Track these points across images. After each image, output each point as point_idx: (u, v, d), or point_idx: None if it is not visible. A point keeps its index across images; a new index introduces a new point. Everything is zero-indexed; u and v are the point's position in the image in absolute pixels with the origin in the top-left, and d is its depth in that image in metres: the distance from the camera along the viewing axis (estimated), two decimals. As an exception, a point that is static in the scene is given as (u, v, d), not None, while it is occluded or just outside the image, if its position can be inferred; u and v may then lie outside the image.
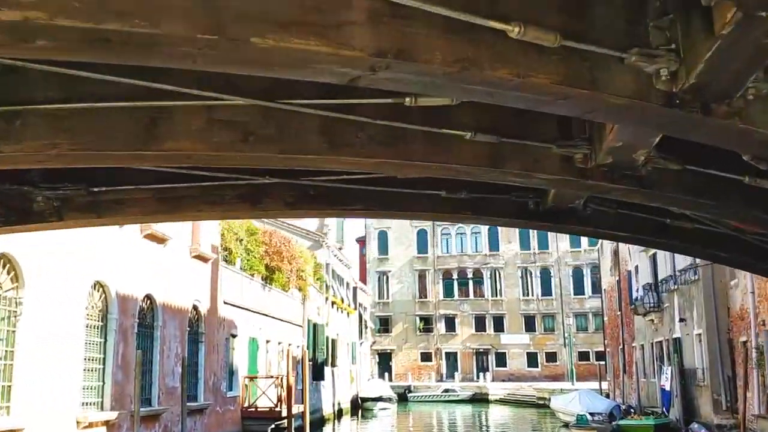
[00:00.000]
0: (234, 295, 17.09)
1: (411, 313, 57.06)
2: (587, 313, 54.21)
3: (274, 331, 21.00)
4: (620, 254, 30.35)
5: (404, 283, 57.94)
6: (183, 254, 13.54)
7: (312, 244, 32.29)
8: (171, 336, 12.98)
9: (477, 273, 56.84)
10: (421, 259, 57.88)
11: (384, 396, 41.14)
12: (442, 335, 56.24)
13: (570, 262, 55.52)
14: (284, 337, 22.35)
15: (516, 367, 54.62)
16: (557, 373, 53.93)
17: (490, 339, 55.32)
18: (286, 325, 22.73)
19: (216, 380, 15.46)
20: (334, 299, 34.32)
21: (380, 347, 57.31)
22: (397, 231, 58.83)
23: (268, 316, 20.19)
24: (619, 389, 31.34)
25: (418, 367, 56.08)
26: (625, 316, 29.51)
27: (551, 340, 54.81)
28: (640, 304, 24.32)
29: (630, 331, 28.71)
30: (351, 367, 40.70)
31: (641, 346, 26.69)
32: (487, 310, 55.83)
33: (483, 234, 57.36)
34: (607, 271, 34.31)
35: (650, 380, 25.23)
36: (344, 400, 37.15)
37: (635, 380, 27.54)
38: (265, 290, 19.98)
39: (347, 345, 39.99)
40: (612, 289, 32.75)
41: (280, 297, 21.97)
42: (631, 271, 28.08)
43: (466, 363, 55.23)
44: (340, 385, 35.99)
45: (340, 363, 36.35)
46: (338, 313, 36.68)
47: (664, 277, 22.60)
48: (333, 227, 35.18)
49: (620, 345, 30.97)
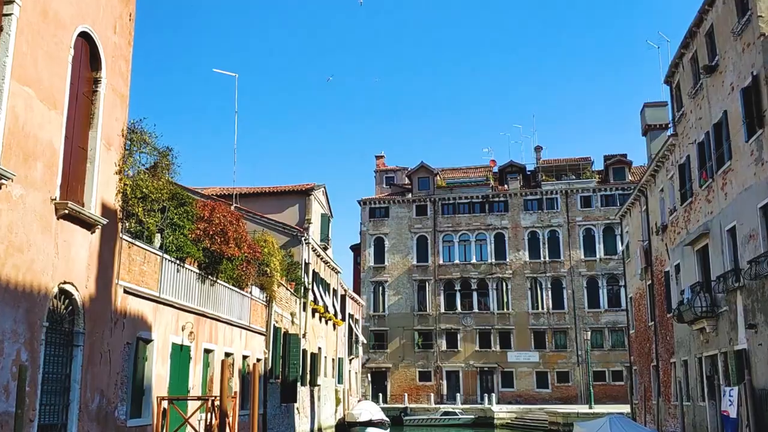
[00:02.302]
0: (147, 284, 12.32)
1: (409, 328, 52.19)
2: (603, 329, 49.19)
3: (219, 338, 16.18)
4: (654, 253, 25.49)
5: (402, 294, 53.13)
6: (40, 209, 8.83)
7: (289, 239, 27.57)
8: (5, 332, 8.24)
9: (482, 284, 51.97)
10: (421, 268, 53.12)
11: (375, 419, 36.03)
12: (442, 352, 51.27)
13: (584, 272, 50.61)
14: (236, 347, 17.51)
15: (524, 387, 49.60)
16: (570, 394, 48.89)
17: (495, 356, 50.34)
18: (240, 331, 17.90)
19: (104, 403, 10.63)
20: (315, 306, 29.49)
21: (374, 365, 52.32)
22: (395, 237, 54.18)
23: (209, 317, 15.39)
24: (650, 414, 26.29)
25: (415, 387, 51.04)
26: (661, 326, 24.57)
27: (563, 358, 49.75)
28: (686, 309, 19.43)
29: (667, 344, 23.76)
30: (337, 386, 35.71)
31: (684, 362, 21.74)
32: (492, 325, 50.91)
33: (488, 241, 52.61)
34: (633, 277, 29.40)
35: (697, 404, 20.25)
36: (327, 426, 32.12)
37: (676, 404, 22.54)
38: (205, 283, 15.21)
39: (333, 361, 35.03)
40: (641, 296, 27.84)
41: (232, 295, 17.19)
42: (670, 271, 23.22)
43: (469, 383, 50.24)
44: (322, 407, 31.00)
45: (322, 382, 31.40)
46: (321, 323, 31.81)
47: (721, 274, 17.75)
48: (316, 223, 30.48)
49: (652, 362, 25.98)
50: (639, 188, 27.00)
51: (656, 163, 24.18)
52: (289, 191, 29.99)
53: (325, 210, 32.73)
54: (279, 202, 29.82)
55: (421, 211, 54.33)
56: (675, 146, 22.23)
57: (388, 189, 56.89)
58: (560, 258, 51.15)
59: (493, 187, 54.19)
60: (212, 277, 15.49)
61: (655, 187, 25.12)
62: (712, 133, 18.56)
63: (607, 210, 51.01)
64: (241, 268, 17.46)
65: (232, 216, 15.19)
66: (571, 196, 51.92)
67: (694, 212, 20.43)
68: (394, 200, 54.98)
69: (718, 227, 18.24)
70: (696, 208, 20.22)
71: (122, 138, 11.36)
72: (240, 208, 26.44)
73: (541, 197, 52.55)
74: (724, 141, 17.69)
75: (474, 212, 53.59)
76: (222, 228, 14.77)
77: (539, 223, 52.12)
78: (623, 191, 50.77)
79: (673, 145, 22.32)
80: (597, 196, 51.52)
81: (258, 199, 29.74)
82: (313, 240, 28.82)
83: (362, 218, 55.40)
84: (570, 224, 51.50)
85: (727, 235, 17.62)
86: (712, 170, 18.63)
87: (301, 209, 29.74)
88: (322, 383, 31.41)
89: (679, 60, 21.20)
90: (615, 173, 52.11)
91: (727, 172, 17.53)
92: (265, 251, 19.52)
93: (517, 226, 52.43)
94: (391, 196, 55.55)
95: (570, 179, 52.59)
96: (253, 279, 18.93)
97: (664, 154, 23.22)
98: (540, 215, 52.23)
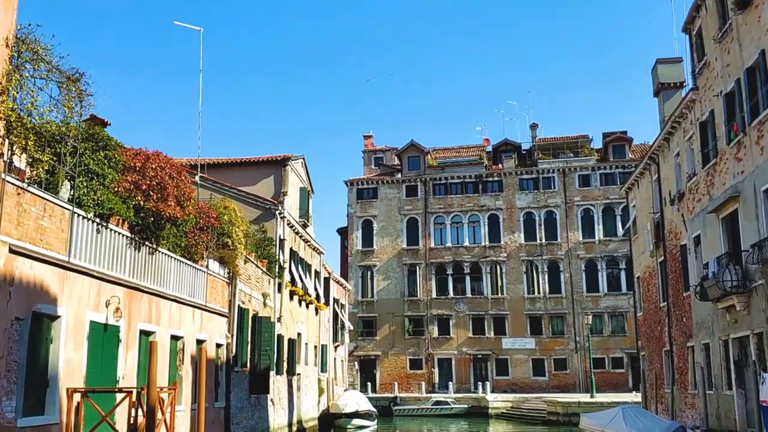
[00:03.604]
0: (50, 245, 9.60)
1: (398, 314, 49.69)
2: (602, 314, 46.81)
3: (162, 318, 13.49)
4: (667, 226, 22.93)
5: (391, 279, 50.57)
6: None
7: (261, 213, 24.85)
8: None
9: (475, 267, 49.45)
10: (411, 251, 50.54)
11: (361, 410, 33.51)
12: (434, 339, 48.81)
13: (582, 254, 48.15)
14: (187, 329, 14.83)
15: (519, 375, 47.25)
16: (567, 382, 46.58)
17: (489, 343, 47.93)
18: (192, 311, 15.22)
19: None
20: (293, 288, 26.82)
21: (363, 353, 49.82)
22: (384, 219, 51.55)
23: (147, 292, 12.69)
24: (662, 404, 23.84)
25: (406, 375, 48.58)
26: (675, 307, 22.06)
27: (560, 345, 47.39)
28: (711, 284, 16.88)
29: (683, 326, 21.26)
30: (321, 375, 33.12)
31: (704, 345, 19.23)
32: (486, 310, 48.44)
33: (482, 223, 50.05)
34: (641, 254, 26.89)
35: (722, 393, 17.76)
36: (309, 418, 29.54)
37: (696, 392, 20.07)
38: (141, 251, 12.49)
39: (315, 348, 32.42)
40: (651, 275, 25.32)
41: (181, 268, 14.49)
42: (687, 245, 20.67)
43: (462, 371, 47.84)
44: (302, 398, 28.42)
45: (303, 370, 28.80)
46: (302, 307, 29.17)
47: (755, 242, 15.18)
48: (294, 197, 27.75)
49: (664, 347, 23.50)
50: (650, 155, 24.41)
51: (671, 124, 21.57)
52: (263, 161, 27.21)
53: (304, 184, 29.99)
54: (252, 173, 27.06)
55: (412, 191, 51.70)
56: (695, 102, 19.62)
57: (377, 170, 54.19)
58: (557, 240, 48.67)
59: (487, 167, 51.57)
60: (151, 244, 12.77)
61: (669, 152, 22.52)
62: (744, 79, 15.94)
63: (607, 189, 48.51)
64: (193, 237, 14.75)
65: (172, 168, 12.43)
66: (569, 174, 49.36)
67: (719, 174, 17.85)
68: (383, 181, 52.31)
69: (751, 188, 15.67)
70: (722, 170, 17.64)
71: (6, 49, 8.61)
72: (205, 178, 23.71)
73: (537, 176, 49.97)
74: (761, 86, 15.09)
75: (467, 192, 50.99)
76: (159, 182, 12.02)
77: (535, 203, 49.57)
78: (623, 169, 48.28)
79: (693, 101, 19.70)
80: (596, 174, 48.97)
81: (228, 171, 26.96)
82: (289, 214, 26.09)
83: (349, 200, 52.73)
84: (568, 204, 48.98)
85: (763, 196, 15.05)
86: (743, 123, 16.03)
87: (276, 181, 26.99)
88: (303, 372, 28.82)
89: (702, 1, 18.54)
90: (615, 151, 49.56)
91: (765, 122, 14.94)
92: (224, 219, 16.79)
93: (512, 206, 49.88)
94: (379, 177, 52.87)
95: (568, 157, 50.01)
96: (210, 251, 16.22)
97: (682, 112, 20.60)
98: (536, 195, 49.67)
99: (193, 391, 14.93)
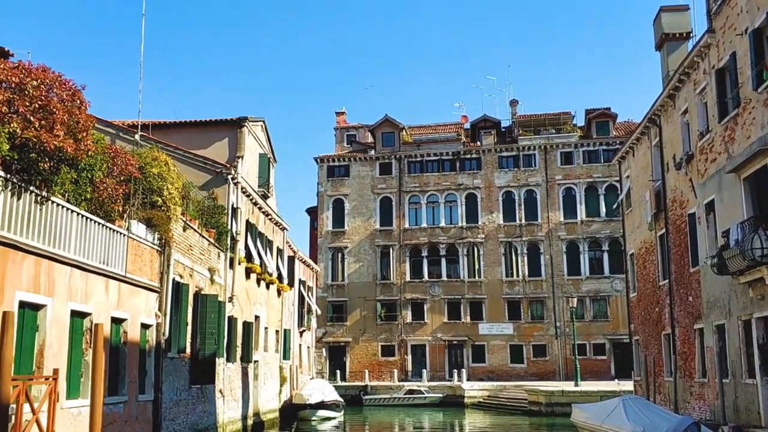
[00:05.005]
0: None
1: (370, 298, 46.96)
2: (584, 298, 44.57)
3: (58, 289, 10.44)
4: (670, 195, 20.40)
5: (363, 261, 47.77)
6: None
7: (211, 177, 21.76)
8: None
9: (451, 249, 46.86)
10: (384, 232, 47.76)
11: (327, 401, 30.76)
12: (407, 324, 46.21)
13: (564, 235, 45.81)
14: (98, 304, 11.79)
15: (497, 362, 44.94)
16: (547, 370, 44.37)
17: (465, 329, 45.48)
18: (106, 282, 12.18)
19: None
20: (250, 265, 23.81)
21: (332, 339, 47.04)
22: (356, 199, 48.64)
23: (32, 252, 9.64)
24: (661, 393, 21.45)
25: (377, 363, 45.93)
26: (679, 285, 19.57)
27: (539, 330, 45.12)
28: (734, 254, 14.33)
29: (688, 306, 18.79)
30: (283, 363, 30.20)
31: (717, 327, 16.76)
32: (462, 294, 45.95)
33: (459, 202, 47.42)
34: (636, 229, 24.42)
35: (742, 382, 15.29)
36: (268, 410, 26.65)
37: (702, 381, 17.63)
38: (22, 198, 9.44)
39: (277, 333, 29.49)
40: (648, 251, 22.85)
41: (89, 226, 11.42)
42: (696, 213, 18.15)
43: (437, 358, 45.37)
44: (260, 388, 25.51)
45: (261, 357, 25.88)
46: (261, 288, 26.18)
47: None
48: (252, 163, 24.67)
49: (664, 329, 21.07)
50: (649, 117, 21.84)
51: (679, 76, 18.97)
52: (217, 122, 24.07)
53: (265, 150, 26.91)
54: (204, 135, 23.90)
55: (386, 169, 48.82)
56: (710, 48, 17.01)
57: (349, 148, 51.16)
58: (538, 220, 46.26)
59: (465, 143, 48.89)
60: (38, 190, 9.70)
61: (675, 110, 19.95)
62: (779, 8, 13.33)
63: (590, 167, 46.18)
64: (105, 189, 11.68)
65: (61, 88, 9.35)
66: (551, 152, 46.91)
67: (741, 127, 15.28)
68: (356, 158, 49.33)
69: (786, 138, 13.10)
70: (745, 121, 15.07)
71: None
72: (146, 137, 20.55)
73: (517, 153, 47.43)
74: (802, 14, 12.47)
75: (443, 171, 48.27)
76: (44, 104, 8.95)
77: (515, 182, 47.06)
78: (607, 146, 46.03)
79: (707, 46, 17.09)
80: (579, 152, 46.58)
81: (176, 132, 23.77)
82: (245, 180, 23.01)
83: (319, 178, 49.68)
84: (549, 183, 46.55)
85: (803, 146, 12.50)
86: (778, 60, 13.44)
87: (231, 144, 23.87)
88: (261, 359, 25.90)
89: (723, -76, 15.89)
90: (598, 127, 47.17)
91: (808, 56, 12.35)
92: (150, 171, 13.70)
93: (490, 185, 47.30)
94: (352, 154, 49.88)
95: (549, 134, 47.52)
96: (134, 210, 13.15)
97: (693, 61, 18.00)
98: (516, 173, 47.15)
99: (105, 382, 11.94)
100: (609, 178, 45.37)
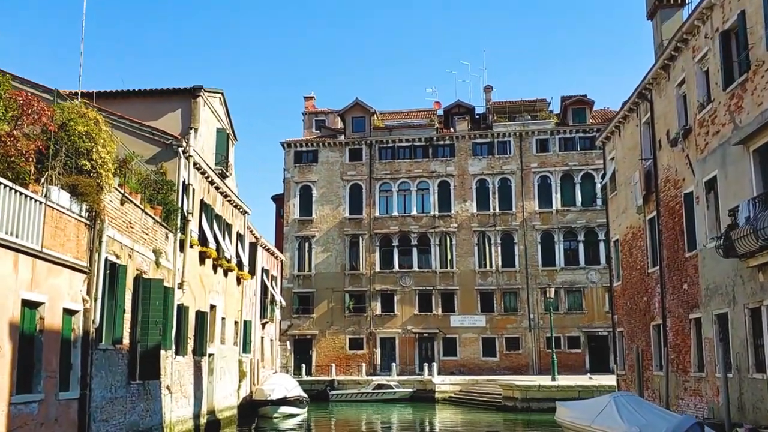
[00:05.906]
0: None
1: (338, 289, 45.05)
2: (559, 289, 43.18)
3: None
4: (662, 174, 18.88)
5: (331, 251, 45.80)
6: None
7: (160, 150, 19.55)
8: None
9: (423, 239, 45.16)
10: (354, 221, 45.84)
11: (290, 397, 28.78)
12: (376, 316, 44.42)
13: (538, 225, 44.45)
14: (5, 284, 9.67)
15: (468, 355, 43.47)
16: (520, 363, 43.02)
17: (436, 321, 43.87)
18: (16, 257, 10.05)
19: None
20: (205, 249, 21.67)
21: (298, 332, 45.01)
22: (324, 186, 46.60)
23: None
24: (649, 389, 19.98)
25: (345, 356, 44.07)
26: (672, 272, 18.08)
27: (513, 323, 43.74)
28: (745, 234, 12.77)
29: (683, 294, 17.29)
30: (242, 356, 28.10)
31: (718, 317, 15.26)
32: (434, 285, 44.32)
33: (432, 190, 45.72)
34: (622, 214, 22.92)
35: (748, 377, 13.79)
36: (225, 407, 24.57)
37: (699, 376, 16.15)
38: None
39: (236, 324, 27.37)
40: (636, 236, 21.35)
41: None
42: (695, 192, 16.62)
43: (407, 351, 43.71)
44: (216, 383, 23.41)
45: (217, 351, 23.77)
46: (218, 275, 24.05)
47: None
48: (208, 138, 22.53)
49: (653, 320, 19.59)
50: (639, 92, 20.28)
51: (675, 44, 17.40)
52: (169, 91, 21.83)
53: (223, 125, 24.73)
54: (154, 106, 21.62)
55: (356, 155, 46.85)
56: (714, 7, 15.44)
57: (318, 133, 49.04)
58: (512, 210, 44.80)
59: (438, 129, 47.17)
60: None
61: (669, 82, 18.40)
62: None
63: (566, 155, 44.85)
64: (13, 144, 9.53)
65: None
66: (526, 139, 45.46)
67: (752, 93, 13.72)
68: (324, 143, 47.24)
69: (808, 102, 11.54)
70: (756, 86, 13.52)
71: None
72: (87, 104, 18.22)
73: (492, 140, 45.87)
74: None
75: (416, 157, 46.50)
76: None
77: (489, 169, 45.51)
78: (584, 134, 44.78)
79: (711, 6, 15.51)
80: (555, 139, 45.20)
81: (124, 102, 21.44)
82: (199, 155, 20.83)
83: (286, 163, 47.47)
84: (524, 171, 45.11)
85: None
86: (799, 14, 11.86)
87: (185, 116, 21.66)
88: (218, 353, 23.80)
89: None
90: (575, 115, 45.87)
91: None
92: (75, 129, 11.54)
93: (464, 173, 45.68)
94: (320, 138, 47.78)
95: (525, 120, 46.05)
96: (54, 173, 11.00)
97: (693, 26, 16.43)
98: (490, 161, 45.61)
99: (13, 377, 9.84)
100: (585, 167, 44.17)
